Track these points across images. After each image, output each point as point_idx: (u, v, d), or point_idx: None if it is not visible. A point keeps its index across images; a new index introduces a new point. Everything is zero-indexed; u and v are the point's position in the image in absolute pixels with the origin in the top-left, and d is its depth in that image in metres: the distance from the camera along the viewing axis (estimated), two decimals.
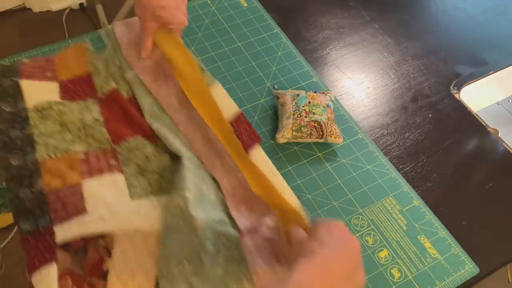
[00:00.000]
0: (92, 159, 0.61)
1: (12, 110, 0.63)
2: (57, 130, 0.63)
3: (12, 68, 0.67)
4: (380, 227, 0.63)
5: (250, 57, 0.80)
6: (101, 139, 0.63)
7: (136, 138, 0.63)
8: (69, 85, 0.68)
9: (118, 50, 0.72)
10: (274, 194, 0.58)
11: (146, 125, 0.64)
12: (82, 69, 0.70)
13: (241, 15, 0.86)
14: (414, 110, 0.77)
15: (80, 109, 0.65)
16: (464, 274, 0.59)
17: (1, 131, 0.61)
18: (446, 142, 0.73)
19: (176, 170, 0.59)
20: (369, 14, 0.90)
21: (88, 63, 0.70)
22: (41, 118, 0.63)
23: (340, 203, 0.64)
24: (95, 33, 0.80)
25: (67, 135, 0.62)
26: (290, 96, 0.70)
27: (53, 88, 0.67)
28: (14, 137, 0.61)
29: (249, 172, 0.60)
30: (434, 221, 0.64)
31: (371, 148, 0.70)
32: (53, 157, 0.59)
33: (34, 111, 0.63)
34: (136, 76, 0.70)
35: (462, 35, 0.89)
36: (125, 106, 0.66)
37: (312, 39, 0.85)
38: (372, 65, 0.82)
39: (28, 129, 0.62)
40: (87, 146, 0.62)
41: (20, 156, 0.59)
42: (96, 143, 0.63)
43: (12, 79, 0.65)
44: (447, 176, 0.69)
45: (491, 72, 0.83)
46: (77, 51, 0.71)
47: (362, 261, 0.43)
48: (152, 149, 0.63)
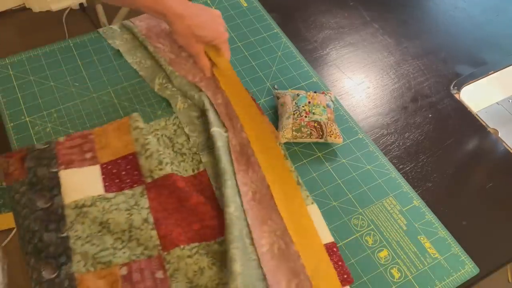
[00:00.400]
0: (135, 275, 0.54)
1: (48, 207, 0.57)
2: (95, 231, 0.56)
3: (50, 152, 0.62)
4: (380, 227, 0.63)
5: (250, 57, 0.80)
6: (148, 244, 0.56)
7: (191, 245, 0.57)
8: (113, 169, 0.62)
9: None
10: None
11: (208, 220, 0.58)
12: (126, 149, 0.64)
13: (241, 15, 0.86)
14: (414, 110, 0.77)
15: (128, 206, 0.59)
16: (464, 274, 0.59)
17: (34, 233, 0.55)
18: (446, 142, 0.73)
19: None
20: (369, 14, 0.90)
21: (134, 142, 0.64)
22: (79, 216, 0.57)
23: (340, 203, 0.64)
24: (95, 33, 0.80)
25: (108, 239, 0.56)
26: (290, 96, 0.70)
27: (95, 174, 0.61)
28: (47, 241, 0.54)
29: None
30: (434, 221, 0.64)
31: (371, 148, 0.70)
32: (91, 270, 0.53)
33: (73, 208, 0.57)
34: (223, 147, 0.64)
35: (462, 35, 0.89)
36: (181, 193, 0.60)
37: (312, 39, 0.85)
38: (372, 65, 0.82)
39: (64, 231, 0.56)
40: (130, 253, 0.55)
41: (54, 267, 0.53)
42: (141, 249, 0.56)
43: (51, 170, 0.60)
44: (447, 176, 0.69)
45: (491, 72, 0.83)
46: (119, 126, 0.66)
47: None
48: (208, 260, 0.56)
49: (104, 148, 0.64)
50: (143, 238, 0.57)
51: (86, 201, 0.58)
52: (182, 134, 0.68)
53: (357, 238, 0.61)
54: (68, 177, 0.60)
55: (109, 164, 0.63)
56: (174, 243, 0.56)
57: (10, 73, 0.74)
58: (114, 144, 0.64)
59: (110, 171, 0.62)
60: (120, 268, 0.54)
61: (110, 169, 0.62)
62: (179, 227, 0.58)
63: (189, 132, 0.68)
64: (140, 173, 0.62)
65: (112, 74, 0.75)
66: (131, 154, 0.64)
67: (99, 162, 0.63)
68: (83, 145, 0.64)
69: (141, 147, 0.64)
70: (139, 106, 0.72)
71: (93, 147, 0.64)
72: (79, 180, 0.60)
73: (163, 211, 0.59)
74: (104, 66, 0.76)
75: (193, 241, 0.58)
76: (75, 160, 0.62)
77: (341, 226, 0.62)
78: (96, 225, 0.57)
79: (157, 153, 0.63)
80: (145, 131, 0.65)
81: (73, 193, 0.58)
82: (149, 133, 0.66)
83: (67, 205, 0.58)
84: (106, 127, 0.66)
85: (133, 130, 0.65)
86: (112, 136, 0.65)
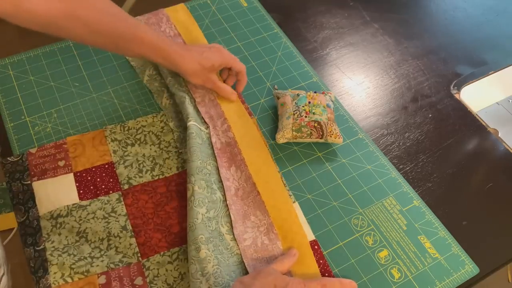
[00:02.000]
0: (114, 283, 0.53)
1: (23, 220, 0.57)
2: (73, 242, 0.56)
3: (22, 165, 0.62)
4: (380, 227, 0.63)
5: (250, 57, 0.80)
6: (127, 252, 0.56)
7: (171, 250, 0.57)
8: (88, 177, 0.61)
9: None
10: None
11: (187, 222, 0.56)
12: (101, 158, 0.63)
13: (241, 15, 0.86)
14: (414, 110, 0.77)
15: (105, 213, 0.58)
16: (464, 274, 0.59)
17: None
18: (446, 142, 0.73)
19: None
20: (369, 14, 0.90)
21: (111, 153, 0.64)
22: (55, 227, 0.56)
23: (340, 203, 0.64)
24: None
25: (86, 248, 0.55)
26: (290, 96, 0.70)
27: (68, 183, 0.60)
28: (27, 256, 0.54)
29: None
30: (434, 221, 0.64)
31: (371, 148, 0.70)
32: (69, 281, 0.53)
33: (48, 219, 0.57)
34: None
35: (462, 35, 0.89)
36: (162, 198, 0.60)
37: (312, 39, 0.85)
38: (372, 65, 0.82)
39: (40, 243, 0.55)
40: (109, 261, 0.55)
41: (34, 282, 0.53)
42: (120, 257, 0.56)
43: (23, 183, 0.60)
44: (447, 176, 0.69)
45: (491, 72, 0.83)
46: (94, 136, 0.66)
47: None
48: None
49: (79, 156, 0.63)
50: (122, 246, 0.56)
51: (61, 211, 0.57)
52: (169, 131, 0.68)
53: (357, 238, 0.61)
54: (42, 188, 0.60)
55: (84, 172, 0.62)
56: (154, 250, 0.57)
57: (10, 73, 0.74)
58: (90, 153, 0.64)
59: (85, 178, 0.61)
60: (99, 277, 0.54)
61: (84, 176, 0.61)
62: (158, 232, 0.58)
63: (173, 128, 0.68)
64: (117, 180, 0.62)
65: (112, 74, 0.75)
66: (107, 163, 0.63)
67: (72, 170, 0.62)
68: (56, 154, 0.63)
69: (120, 158, 0.64)
70: (139, 106, 0.72)
71: (67, 156, 0.63)
72: (53, 190, 0.59)
73: (141, 217, 0.59)
74: (104, 66, 0.76)
75: (173, 246, 0.58)
76: (48, 169, 0.62)
77: (341, 226, 0.62)
78: (73, 235, 0.56)
79: (136, 162, 0.64)
80: (125, 137, 0.66)
81: (47, 204, 0.58)
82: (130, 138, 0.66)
83: (42, 216, 0.57)
84: (80, 137, 0.66)
85: (111, 142, 0.65)
86: (87, 145, 0.65)
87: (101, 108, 0.71)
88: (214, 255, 0.54)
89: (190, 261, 0.54)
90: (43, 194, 0.59)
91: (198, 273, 0.52)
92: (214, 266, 0.53)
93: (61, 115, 0.70)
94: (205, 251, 0.53)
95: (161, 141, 0.67)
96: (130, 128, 0.68)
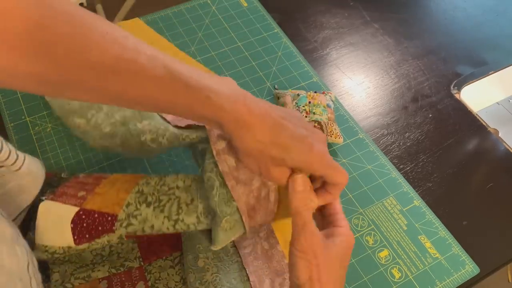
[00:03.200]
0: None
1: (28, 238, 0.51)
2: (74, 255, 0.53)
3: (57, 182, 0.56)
4: (380, 227, 0.63)
5: (250, 57, 0.80)
6: (128, 256, 0.54)
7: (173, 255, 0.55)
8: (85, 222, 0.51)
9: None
10: None
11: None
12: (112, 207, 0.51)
13: (241, 15, 0.86)
14: (414, 110, 0.77)
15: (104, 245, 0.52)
16: (465, 274, 0.59)
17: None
18: (446, 142, 0.73)
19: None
20: (369, 14, 0.90)
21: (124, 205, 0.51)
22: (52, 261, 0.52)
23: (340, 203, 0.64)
24: None
25: (87, 255, 0.53)
26: (290, 96, 0.70)
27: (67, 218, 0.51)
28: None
29: None
30: (434, 221, 0.64)
31: (371, 148, 0.70)
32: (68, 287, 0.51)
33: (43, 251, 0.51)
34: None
35: (462, 35, 0.89)
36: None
37: (312, 39, 0.85)
38: (372, 65, 0.82)
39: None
40: (110, 265, 0.53)
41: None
42: (122, 261, 0.54)
43: (40, 198, 0.53)
44: (448, 176, 0.69)
45: (491, 72, 0.83)
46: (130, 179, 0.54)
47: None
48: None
49: (100, 194, 0.53)
50: (124, 252, 0.55)
51: (57, 249, 0.51)
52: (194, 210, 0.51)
53: (358, 238, 0.61)
54: (46, 212, 0.52)
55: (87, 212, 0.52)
56: (156, 255, 0.55)
57: None
58: (110, 195, 0.53)
59: (82, 222, 0.51)
60: (100, 282, 0.53)
61: (83, 219, 0.51)
62: (160, 236, 0.54)
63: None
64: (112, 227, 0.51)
65: None
66: (111, 215, 0.51)
67: (81, 205, 0.52)
68: (87, 184, 0.55)
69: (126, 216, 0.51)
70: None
71: (92, 189, 0.54)
72: (52, 221, 0.51)
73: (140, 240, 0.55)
74: None
75: (175, 250, 0.56)
76: (65, 194, 0.54)
77: None
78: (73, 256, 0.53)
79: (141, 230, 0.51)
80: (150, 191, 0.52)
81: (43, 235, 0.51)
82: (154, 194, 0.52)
83: (37, 246, 0.51)
84: (121, 176, 0.55)
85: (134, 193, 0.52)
86: (116, 185, 0.54)
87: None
88: (213, 263, 0.53)
89: (188, 270, 0.53)
90: (43, 221, 0.52)
91: (197, 282, 0.52)
92: (213, 274, 0.52)
93: None
94: (204, 260, 0.52)
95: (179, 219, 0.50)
96: (164, 184, 0.53)
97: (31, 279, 0.41)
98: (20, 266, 0.40)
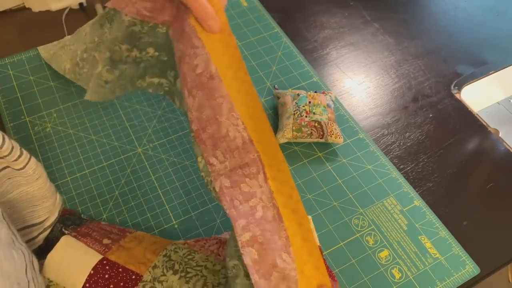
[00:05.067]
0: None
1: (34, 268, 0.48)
2: None
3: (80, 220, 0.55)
4: (380, 227, 0.62)
5: (250, 57, 0.80)
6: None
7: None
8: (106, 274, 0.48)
9: None
10: None
11: None
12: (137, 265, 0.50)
13: (241, 14, 0.86)
14: (414, 110, 0.77)
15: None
16: (465, 274, 0.59)
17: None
18: (446, 142, 0.73)
19: None
20: (369, 13, 0.90)
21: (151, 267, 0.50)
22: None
23: (340, 203, 0.64)
24: None
25: None
26: (290, 96, 0.70)
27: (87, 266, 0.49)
28: None
29: None
30: (434, 221, 0.64)
31: (371, 148, 0.70)
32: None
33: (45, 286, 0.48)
34: None
35: (463, 35, 0.89)
36: None
37: (312, 39, 0.85)
38: (373, 65, 0.82)
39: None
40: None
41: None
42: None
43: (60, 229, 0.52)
44: (448, 176, 0.69)
45: (492, 72, 0.83)
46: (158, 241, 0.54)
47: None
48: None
49: (125, 249, 0.51)
50: None
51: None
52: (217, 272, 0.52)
53: (358, 238, 0.61)
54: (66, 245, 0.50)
55: (111, 264, 0.49)
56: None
57: (10, 73, 0.74)
58: (136, 252, 0.51)
59: (104, 273, 0.49)
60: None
61: (106, 270, 0.49)
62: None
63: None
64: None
65: None
66: (136, 274, 0.49)
67: (105, 254, 0.50)
68: (111, 233, 0.53)
69: (152, 279, 0.49)
70: (139, 106, 0.72)
71: (117, 240, 0.52)
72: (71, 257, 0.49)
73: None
74: None
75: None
76: (89, 236, 0.52)
77: (342, 226, 0.62)
78: None
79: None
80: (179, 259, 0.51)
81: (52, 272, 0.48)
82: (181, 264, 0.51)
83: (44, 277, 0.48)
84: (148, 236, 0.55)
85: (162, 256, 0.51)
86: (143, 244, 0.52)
87: (101, 108, 0.71)
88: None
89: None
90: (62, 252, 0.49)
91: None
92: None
93: (61, 115, 0.70)
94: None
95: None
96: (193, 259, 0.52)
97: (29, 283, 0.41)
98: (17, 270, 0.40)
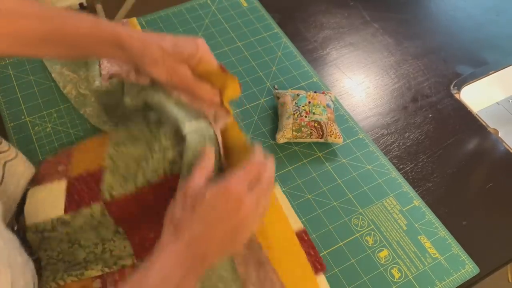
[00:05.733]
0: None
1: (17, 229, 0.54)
2: (66, 248, 0.54)
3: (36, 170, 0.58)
4: (380, 227, 0.63)
5: (250, 57, 0.80)
6: (121, 254, 0.54)
7: None
8: (76, 184, 0.55)
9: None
10: None
11: None
12: (95, 163, 0.56)
13: (241, 15, 0.86)
14: (414, 110, 0.77)
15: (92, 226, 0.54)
16: (464, 274, 0.59)
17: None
18: (446, 142, 0.73)
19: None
20: (369, 14, 0.90)
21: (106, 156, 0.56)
22: (42, 243, 0.53)
23: (340, 203, 0.64)
24: None
25: (81, 253, 0.54)
26: (290, 96, 0.70)
27: (59, 191, 0.55)
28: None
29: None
30: (434, 221, 0.64)
31: (371, 148, 0.70)
32: (61, 284, 0.51)
33: (34, 231, 0.53)
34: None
35: (462, 35, 0.89)
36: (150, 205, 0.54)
37: (312, 39, 0.85)
38: (372, 65, 0.82)
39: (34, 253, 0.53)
40: (103, 264, 0.53)
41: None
42: (114, 259, 0.54)
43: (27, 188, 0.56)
44: (447, 176, 0.69)
45: (491, 72, 0.83)
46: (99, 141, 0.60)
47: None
48: None
49: (79, 161, 0.57)
50: (117, 249, 0.54)
51: (46, 225, 0.53)
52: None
53: (357, 238, 0.61)
54: (34, 194, 0.55)
55: (75, 179, 0.55)
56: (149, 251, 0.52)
57: (10, 73, 0.74)
58: (89, 157, 0.57)
59: (73, 186, 0.55)
60: (93, 281, 0.52)
61: (74, 183, 0.55)
62: (152, 231, 0.55)
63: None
64: (99, 188, 0.55)
65: None
66: (99, 168, 0.56)
67: (67, 175, 0.56)
68: (61, 159, 0.59)
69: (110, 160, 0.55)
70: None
71: (69, 161, 0.58)
72: (43, 198, 0.55)
73: (132, 221, 0.55)
74: None
75: None
76: (47, 174, 0.57)
77: (342, 226, 0.62)
78: (65, 243, 0.54)
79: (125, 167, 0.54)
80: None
81: (33, 214, 0.53)
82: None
83: (28, 227, 0.53)
84: (88, 141, 0.61)
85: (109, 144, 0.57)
86: (90, 150, 0.59)
87: None
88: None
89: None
90: (33, 201, 0.55)
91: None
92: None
93: (61, 115, 0.70)
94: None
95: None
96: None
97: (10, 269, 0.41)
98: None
